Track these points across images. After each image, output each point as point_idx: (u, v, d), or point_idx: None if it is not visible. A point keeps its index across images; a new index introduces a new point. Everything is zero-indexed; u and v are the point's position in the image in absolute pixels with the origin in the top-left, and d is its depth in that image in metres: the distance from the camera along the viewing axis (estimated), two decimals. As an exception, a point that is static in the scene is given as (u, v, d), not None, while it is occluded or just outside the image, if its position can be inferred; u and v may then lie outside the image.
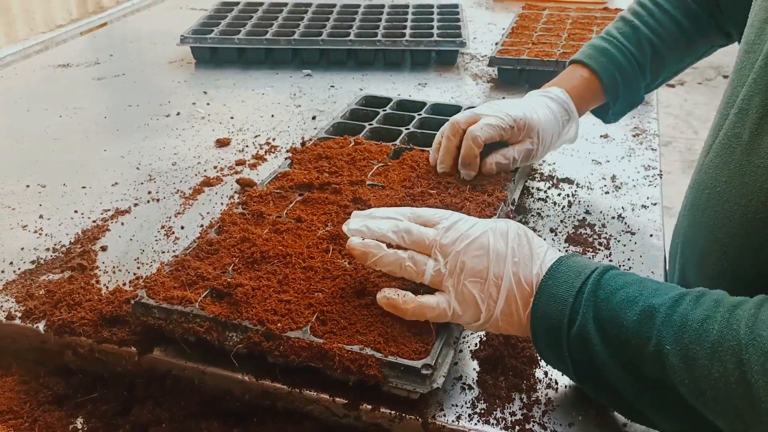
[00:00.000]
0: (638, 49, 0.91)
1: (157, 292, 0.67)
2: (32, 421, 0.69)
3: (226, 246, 0.74)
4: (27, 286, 0.77)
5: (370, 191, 0.85)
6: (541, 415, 0.61)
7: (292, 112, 1.27)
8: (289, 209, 0.82)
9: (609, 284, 0.56)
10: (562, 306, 0.56)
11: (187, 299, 0.66)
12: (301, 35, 1.52)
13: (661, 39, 0.90)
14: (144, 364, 0.67)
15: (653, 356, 0.51)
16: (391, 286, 0.65)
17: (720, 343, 0.48)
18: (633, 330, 0.52)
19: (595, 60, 0.91)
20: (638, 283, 0.55)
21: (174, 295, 0.67)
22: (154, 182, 1.02)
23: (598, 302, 0.55)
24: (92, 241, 0.86)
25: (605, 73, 0.90)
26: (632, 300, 0.53)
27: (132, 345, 0.68)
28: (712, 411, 0.50)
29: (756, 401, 0.46)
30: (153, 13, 1.97)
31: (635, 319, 0.52)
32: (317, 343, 0.61)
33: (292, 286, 0.68)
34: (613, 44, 0.91)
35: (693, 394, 0.50)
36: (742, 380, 0.46)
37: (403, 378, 0.59)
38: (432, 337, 0.62)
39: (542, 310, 0.57)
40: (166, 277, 0.70)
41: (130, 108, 1.30)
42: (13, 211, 0.94)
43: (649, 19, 0.91)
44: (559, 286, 0.57)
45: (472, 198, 0.83)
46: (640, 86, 0.93)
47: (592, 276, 0.56)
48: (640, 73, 0.91)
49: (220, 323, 0.64)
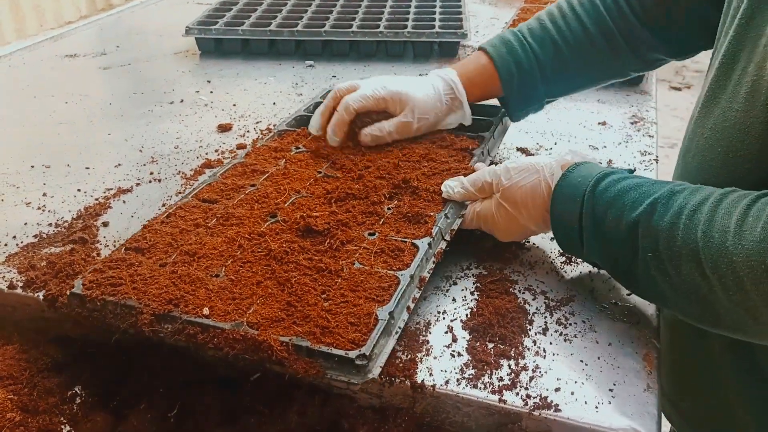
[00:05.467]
0: (541, 47, 0.92)
1: (94, 282, 0.66)
2: (31, 387, 0.71)
3: (163, 241, 0.74)
4: (29, 258, 0.79)
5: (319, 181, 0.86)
6: (528, 381, 0.62)
7: (293, 101, 1.29)
8: (235, 202, 0.81)
9: (606, 197, 0.68)
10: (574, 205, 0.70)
11: (122, 291, 0.65)
12: (304, 27, 1.54)
13: (567, 43, 0.92)
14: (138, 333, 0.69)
15: (643, 263, 0.64)
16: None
17: (683, 247, 0.60)
18: (621, 240, 0.66)
19: (496, 49, 0.94)
20: (626, 191, 0.66)
21: (107, 288, 0.66)
22: (156, 164, 1.04)
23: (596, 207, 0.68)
24: (94, 217, 0.88)
25: (502, 62, 0.93)
26: (619, 218, 0.66)
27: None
28: (683, 307, 0.64)
29: (715, 292, 0.58)
30: (160, 7, 1.99)
31: (623, 238, 0.65)
32: (252, 334, 0.59)
33: (230, 278, 0.67)
34: (517, 38, 0.94)
35: (671, 289, 0.63)
36: (703, 275, 0.58)
37: (338, 369, 0.58)
38: (370, 328, 0.61)
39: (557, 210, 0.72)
40: (105, 267, 0.69)
41: (134, 95, 1.32)
42: (17, 189, 0.96)
43: (560, 21, 0.92)
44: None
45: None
46: (537, 84, 0.94)
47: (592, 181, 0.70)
48: (539, 71, 0.93)
49: (155, 315, 0.63)
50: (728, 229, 0.57)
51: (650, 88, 1.34)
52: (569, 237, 0.71)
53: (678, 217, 0.61)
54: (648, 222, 0.63)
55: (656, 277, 0.63)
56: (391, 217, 0.78)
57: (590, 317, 0.71)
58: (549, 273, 0.78)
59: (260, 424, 0.66)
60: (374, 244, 0.73)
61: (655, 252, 0.62)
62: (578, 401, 0.60)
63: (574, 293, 0.74)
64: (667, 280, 0.62)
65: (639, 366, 0.65)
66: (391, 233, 0.75)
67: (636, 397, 0.61)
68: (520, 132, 1.15)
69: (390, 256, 0.71)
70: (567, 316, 0.71)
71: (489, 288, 0.74)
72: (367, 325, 0.61)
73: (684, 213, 0.61)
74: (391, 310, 0.63)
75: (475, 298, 0.73)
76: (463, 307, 0.72)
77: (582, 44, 0.91)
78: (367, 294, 0.65)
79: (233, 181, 0.86)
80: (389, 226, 0.76)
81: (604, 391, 0.62)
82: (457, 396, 0.61)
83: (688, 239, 0.59)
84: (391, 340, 0.62)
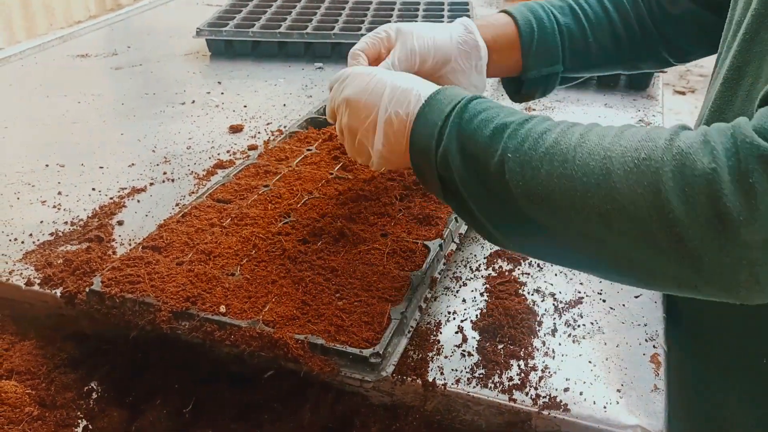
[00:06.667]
0: (562, 14, 0.90)
1: (113, 280, 0.68)
2: (49, 382, 0.72)
3: (180, 240, 0.75)
4: (46, 256, 0.80)
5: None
6: (537, 381, 0.63)
7: (303, 102, 1.30)
8: (249, 203, 0.82)
9: (474, 108, 0.60)
10: (432, 129, 0.60)
11: (141, 289, 0.66)
12: (313, 29, 1.55)
13: (587, 18, 0.90)
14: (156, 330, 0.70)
15: (497, 166, 0.55)
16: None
17: (553, 147, 0.53)
18: (484, 144, 0.57)
19: (518, 10, 0.91)
20: (500, 107, 0.60)
21: (126, 285, 0.67)
22: (169, 164, 1.05)
23: (461, 123, 0.59)
24: (109, 216, 0.89)
25: (522, 18, 0.88)
26: (490, 119, 0.58)
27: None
28: (539, 211, 0.54)
29: (572, 193, 0.51)
30: (170, 8, 2.01)
31: (488, 135, 0.57)
32: (267, 332, 0.61)
33: (246, 277, 0.69)
34: (539, 5, 0.91)
35: (524, 195, 0.54)
36: (563, 174, 0.51)
37: (352, 367, 0.60)
38: (383, 327, 0.62)
39: (417, 133, 0.62)
40: (123, 265, 0.70)
41: (146, 96, 1.33)
42: (32, 188, 0.97)
43: (583, 2, 0.91)
44: (433, 112, 0.62)
45: None
46: (556, 47, 0.89)
47: (461, 102, 0.61)
48: (558, 35, 0.88)
49: (174, 312, 0.64)
50: (607, 134, 0.52)
51: (656, 92, 1.35)
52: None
53: (550, 126, 0.56)
54: (517, 128, 0.56)
55: (510, 181, 0.55)
56: (402, 218, 0.79)
57: (598, 319, 0.72)
58: (558, 275, 0.79)
59: (273, 421, 0.67)
60: (386, 244, 0.74)
61: (517, 152, 0.55)
62: (587, 401, 0.62)
63: (582, 295, 0.75)
64: (520, 185, 0.54)
65: (646, 367, 0.66)
66: (402, 234, 0.76)
67: (644, 397, 0.62)
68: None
69: (402, 257, 0.72)
70: (575, 317, 0.72)
71: (498, 289, 0.75)
72: (381, 324, 0.62)
73: (559, 126, 0.56)
74: (403, 310, 0.64)
75: (485, 299, 0.74)
76: (473, 308, 0.73)
77: (601, 21, 0.91)
78: (380, 294, 0.66)
79: (246, 182, 0.87)
80: (400, 227, 0.78)
81: (612, 391, 0.63)
82: (468, 395, 0.62)
83: (560, 141, 0.53)
84: (403, 339, 0.64)
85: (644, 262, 0.50)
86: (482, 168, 0.57)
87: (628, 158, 0.49)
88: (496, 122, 0.57)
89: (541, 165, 0.53)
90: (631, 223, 0.48)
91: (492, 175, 0.56)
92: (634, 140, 0.50)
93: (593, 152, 0.51)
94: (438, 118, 0.60)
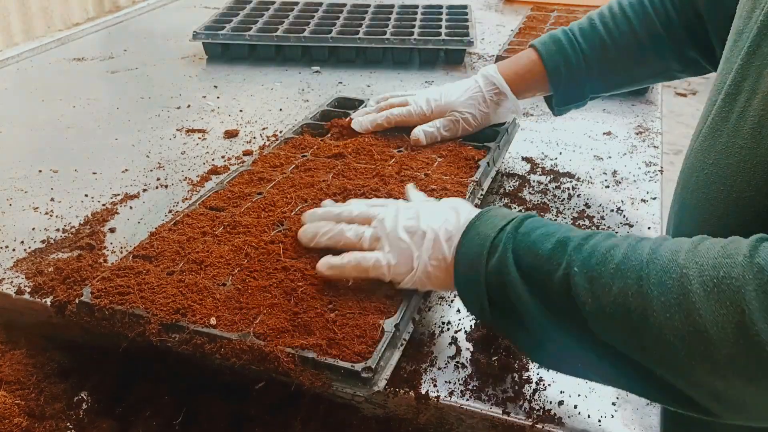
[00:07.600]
0: (589, 46, 0.94)
1: (103, 291, 0.67)
2: (38, 392, 0.71)
3: (171, 249, 0.74)
4: (37, 264, 0.80)
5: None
6: (531, 393, 0.63)
7: (300, 107, 1.30)
8: (242, 210, 0.81)
9: (531, 224, 0.60)
10: (484, 240, 0.60)
11: (130, 300, 0.65)
12: (310, 33, 1.54)
13: (615, 43, 0.93)
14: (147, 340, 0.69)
15: (561, 279, 0.53)
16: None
17: (624, 263, 0.51)
18: (546, 257, 0.55)
19: (545, 46, 0.96)
20: (558, 225, 0.59)
21: (115, 297, 0.66)
22: (163, 170, 1.04)
23: (518, 236, 0.58)
24: (101, 223, 0.88)
25: (550, 58, 0.95)
26: (550, 234, 0.57)
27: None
28: (608, 330, 0.52)
29: (649, 313, 0.48)
30: (167, 11, 2.00)
31: (550, 248, 0.56)
32: (258, 345, 0.60)
33: (237, 287, 0.68)
34: (566, 36, 0.96)
35: (593, 313, 0.52)
36: (639, 293, 0.49)
37: (343, 381, 0.59)
38: (376, 340, 0.61)
39: (465, 246, 0.61)
40: (113, 275, 0.69)
41: (141, 100, 1.33)
42: (25, 194, 0.96)
43: (609, 21, 0.94)
44: (484, 225, 0.61)
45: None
46: (583, 82, 0.96)
47: (516, 218, 0.60)
48: (585, 68, 0.95)
49: (163, 325, 0.63)
50: (680, 249, 0.51)
51: (656, 98, 1.34)
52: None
53: (617, 242, 0.54)
54: (582, 243, 0.55)
55: (577, 297, 0.53)
56: None
57: (594, 330, 0.71)
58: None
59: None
60: None
61: (584, 266, 0.53)
62: (581, 414, 0.61)
63: (578, 305, 0.74)
64: (589, 302, 0.52)
65: (642, 380, 0.65)
66: None
67: (639, 410, 0.62)
68: (526, 141, 1.15)
69: None
70: (571, 328, 0.71)
71: (493, 299, 0.75)
72: (373, 338, 0.61)
73: (626, 240, 0.54)
74: (397, 322, 0.63)
75: (480, 309, 0.73)
76: (467, 318, 0.72)
77: (629, 44, 0.93)
78: (373, 305, 0.65)
79: (240, 189, 0.86)
80: None
81: (607, 404, 0.62)
82: (461, 408, 0.61)
83: (630, 257, 0.52)
84: (396, 352, 0.63)
85: (728, 391, 0.48)
86: (544, 282, 0.55)
87: (706, 277, 0.47)
88: (558, 236, 0.56)
89: (612, 282, 0.51)
90: (712, 346, 0.46)
91: (554, 291, 0.54)
92: (710, 257, 0.48)
93: (667, 269, 0.49)
94: (491, 231, 0.60)
